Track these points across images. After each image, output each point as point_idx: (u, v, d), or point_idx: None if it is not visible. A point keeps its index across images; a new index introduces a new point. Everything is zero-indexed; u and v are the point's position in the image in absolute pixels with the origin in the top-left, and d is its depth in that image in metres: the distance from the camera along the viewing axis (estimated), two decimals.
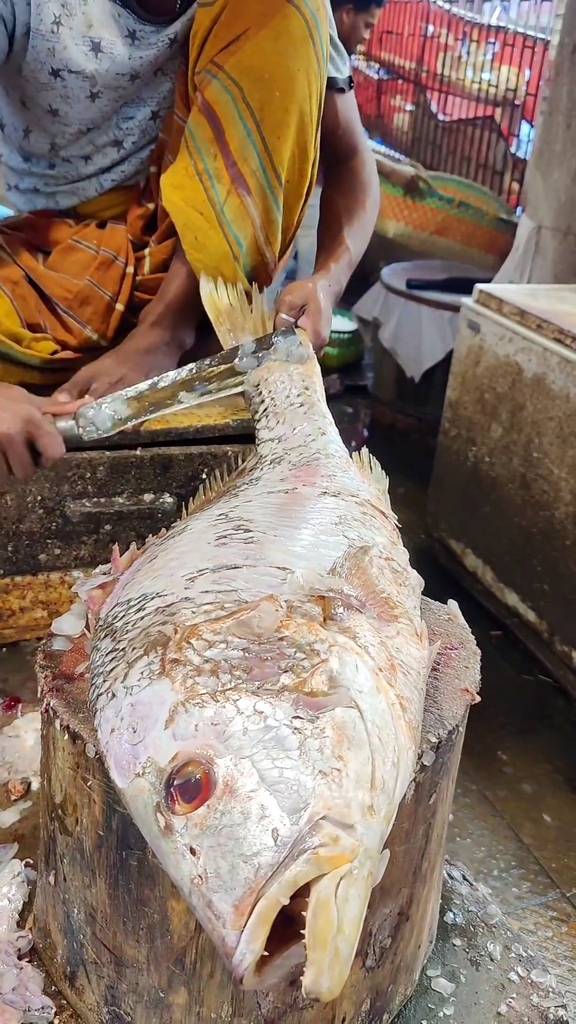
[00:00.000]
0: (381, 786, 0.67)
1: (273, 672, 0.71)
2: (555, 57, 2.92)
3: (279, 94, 1.34)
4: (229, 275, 1.46)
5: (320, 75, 1.38)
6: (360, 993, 0.87)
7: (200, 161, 1.38)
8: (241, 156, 1.36)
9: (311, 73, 1.36)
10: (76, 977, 0.90)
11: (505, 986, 0.98)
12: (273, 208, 1.42)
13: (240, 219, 1.41)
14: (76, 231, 1.58)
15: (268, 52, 1.33)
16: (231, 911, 0.61)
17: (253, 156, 1.37)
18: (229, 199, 1.39)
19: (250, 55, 1.33)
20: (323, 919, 0.59)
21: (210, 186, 1.38)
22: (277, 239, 1.46)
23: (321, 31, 1.36)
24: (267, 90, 1.34)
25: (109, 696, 0.75)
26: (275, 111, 1.35)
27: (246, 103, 1.34)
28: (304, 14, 1.32)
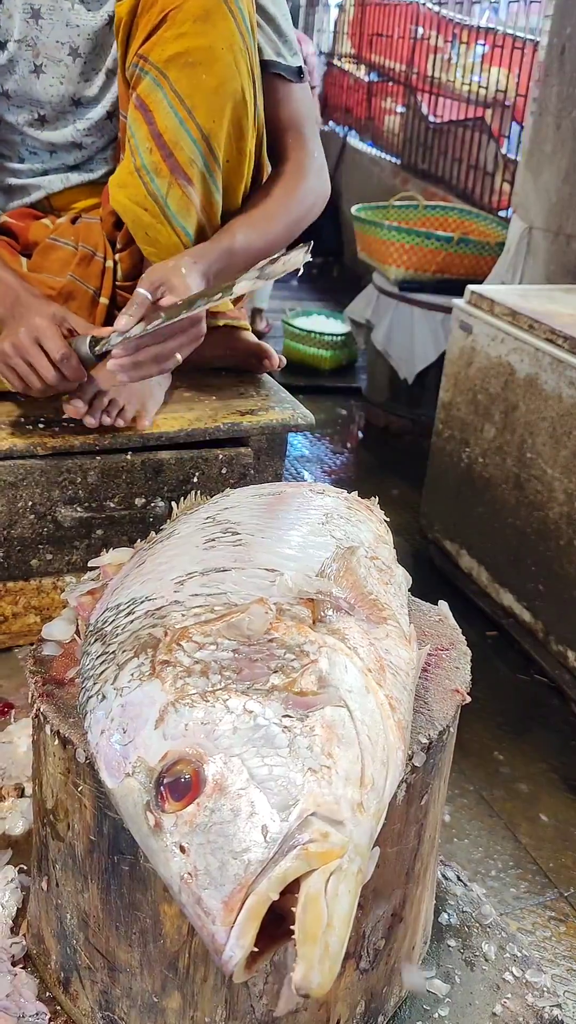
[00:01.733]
0: (371, 784, 0.67)
1: (263, 672, 0.71)
2: (544, 58, 2.93)
3: (206, 76, 1.33)
4: None
5: (247, 49, 1.36)
6: (354, 995, 0.87)
7: (138, 157, 1.37)
8: (176, 146, 1.36)
9: (236, 49, 1.34)
10: (70, 983, 0.90)
11: (500, 986, 0.98)
12: (213, 191, 1.41)
13: (184, 210, 1.41)
14: (53, 230, 1.58)
15: (188, 35, 1.31)
16: (221, 908, 0.61)
17: (189, 143, 1.36)
18: (171, 191, 1.38)
19: (171, 43, 1.32)
20: (313, 914, 0.59)
21: (149, 181, 1.38)
22: (217, 215, 1.45)
23: (241, 4, 1.34)
24: (193, 75, 1.33)
25: (99, 698, 0.75)
26: (205, 95, 1.34)
27: (174, 92, 1.33)
28: None
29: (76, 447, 1.43)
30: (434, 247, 3.26)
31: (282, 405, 1.64)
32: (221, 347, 1.69)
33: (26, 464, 1.42)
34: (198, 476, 1.52)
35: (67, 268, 1.56)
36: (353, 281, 4.60)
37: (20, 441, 1.41)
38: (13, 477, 1.41)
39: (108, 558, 1.00)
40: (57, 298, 1.54)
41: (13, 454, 1.40)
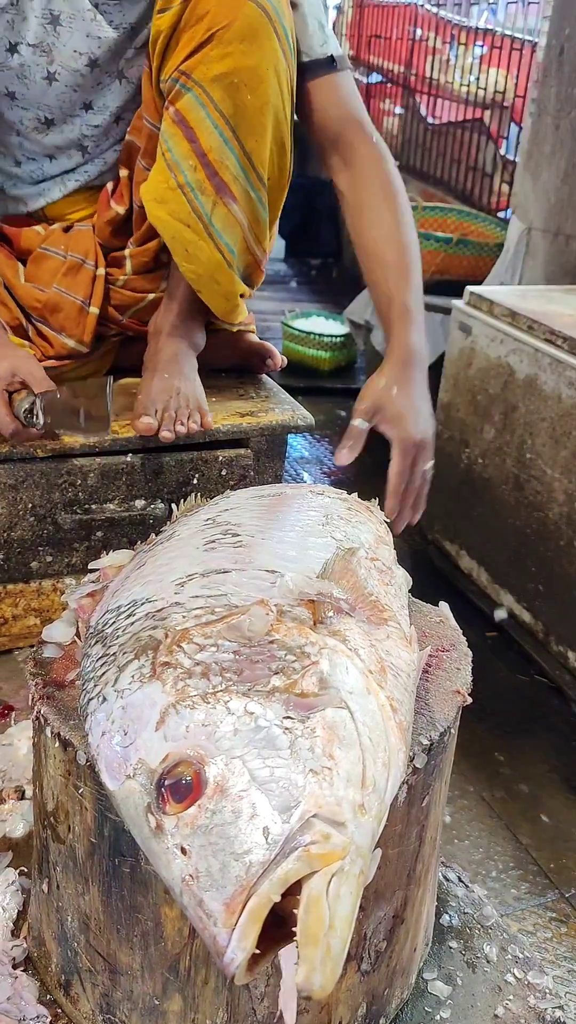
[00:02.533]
0: (372, 785, 0.67)
1: (264, 674, 0.71)
2: (542, 59, 2.93)
3: (251, 97, 1.33)
4: (224, 282, 1.46)
5: (289, 67, 1.36)
6: (356, 997, 0.87)
7: (180, 174, 1.37)
8: (221, 164, 1.36)
9: (279, 69, 1.34)
10: (71, 985, 0.90)
11: (502, 988, 0.97)
12: (259, 208, 1.42)
13: (229, 227, 1.40)
14: (44, 238, 1.58)
15: (235, 55, 1.31)
16: (222, 909, 0.61)
17: (233, 162, 1.36)
18: (216, 209, 1.38)
19: (216, 61, 1.31)
20: (315, 915, 0.59)
21: (194, 198, 1.37)
22: (266, 236, 1.47)
23: (284, 21, 1.33)
24: (238, 95, 1.33)
25: (100, 700, 0.75)
26: (249, 115, 1.34)
27: (219, 111, 1.33)
28: (264, 8, 1.30)
29: (76, 449, 1.44)
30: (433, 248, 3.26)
31: (282, 406, 1.64)
32: (227, 348, 1.70)
33: (26, 466, 1.42)
34: (198, 478, 1.52)
35: (54, 278, 1.55)
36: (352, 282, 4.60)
37: None
38: (13, 479, 1.41)
39: (108, 560, 1.00)
40: (43, 311, 1.54)
41: (13, 456, 1.40)
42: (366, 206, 1.47)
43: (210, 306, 1.50)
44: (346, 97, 1.51)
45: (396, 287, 1.39)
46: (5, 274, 1.55)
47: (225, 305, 1.50)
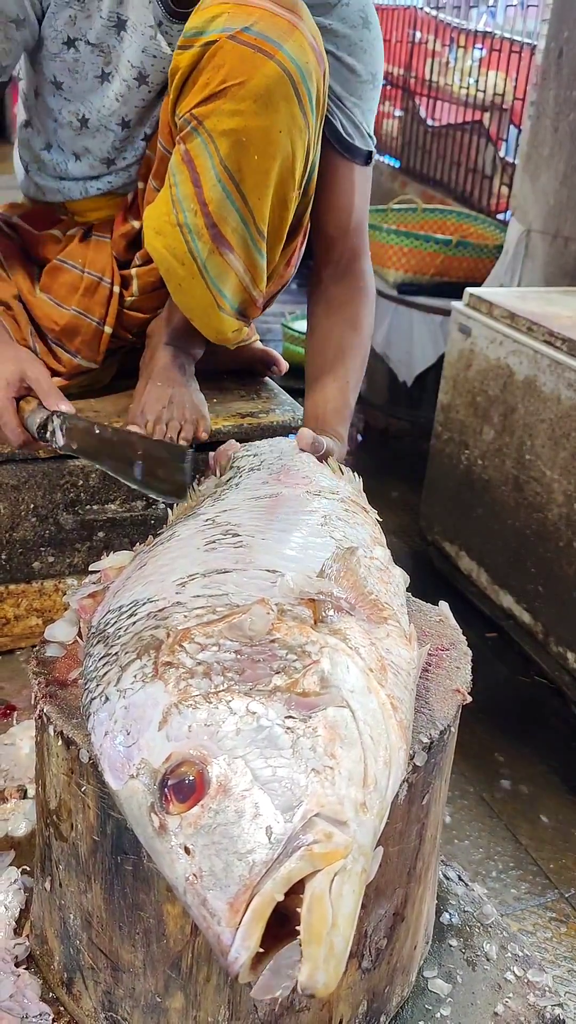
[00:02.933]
0: (373, 784, 0.67)
1: (265, 673, 0.71)
2: (541, 62, 2.93)
3: (258, 157, 1.30)
4: (215, 322, 1.46)
5: (307, 126, 1.32)
6: (357, 995, 0.87)
7: (181, 213, 1.35)
8: (221, 217, 1.34)
9: (295, 130, 1.30)
10: (73, 983, 0.90)
11: (502, 986, 0.98)
12: (256, 256, 1.40)
13: (224, 273, 1.39)
14: (62, 247, 1.58)
15: (246, 114, 1.26)
16: (226, 909, 0.61)
17: (234, 216, 1.34)
18: (211, 257, 1.37)
19: (227, 116, 1.28)
20: (318, 914, 0.59)
21: (191, 240, 1.36)
22: (263, 280, 1.45)
23: (310, 82, 1.29)
24: (245, 153, 1.29)
25: (103, 700, 0.75)
26: (254, 173, 1.31)
27: (224, 166, 1.30)
28: (288, 69, 1.25)
29: None
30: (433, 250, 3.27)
31: (283, 408, 1.65)
32: (229, 354, 1.70)
33: (28, 467, 1.42)
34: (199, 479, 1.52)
35: (72, 295, 1.55)
36: None
37: None
38: (15, 480, 1.41)
39: (109, 562, 1.00)
40: (61, 334, 1.54)
41: (15, 457, 1.41)
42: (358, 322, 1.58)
43: (202, 333, 1.50)
44: (363, 195, 1.57)
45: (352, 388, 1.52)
46: (21, 288, 1.55)
47: (217, 336, 1.49)
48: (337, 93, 1.46)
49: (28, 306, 1.54)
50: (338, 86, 1.45)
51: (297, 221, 1.46)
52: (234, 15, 1.25)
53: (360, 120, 1.52)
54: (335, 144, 1.49)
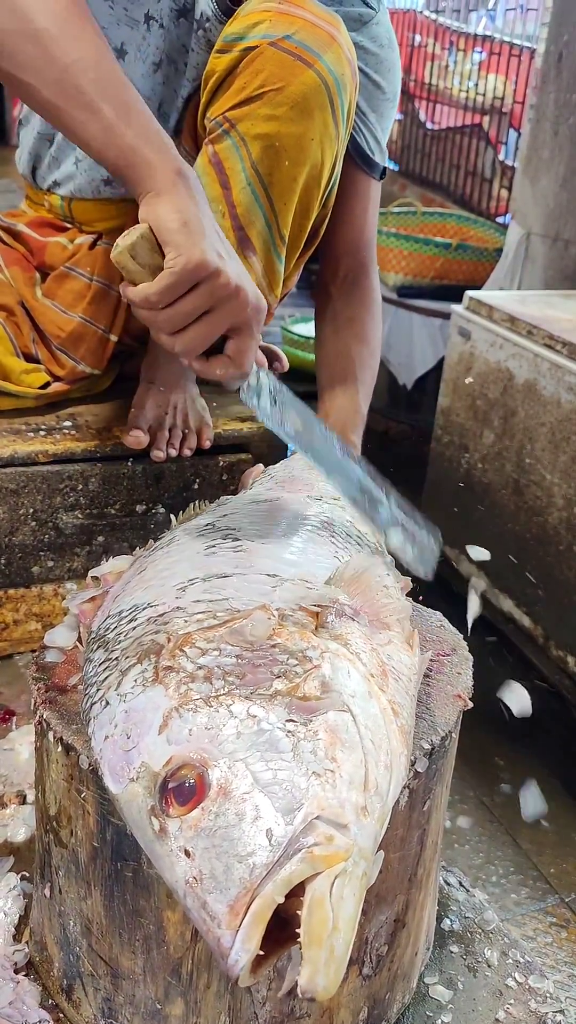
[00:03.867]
0: (374, 788, 0.67)
1: (266, 678, 0.71)
2: (541, 65, 2.93)
3: (288, 163, 1.31)
4: None
5: (337, 137, 1.34)
6: (357, 1002, 0.87)
7: None
8: (248, 220, 1.35)
9: (326, 139, 1.32)
10: (73, 990, 0.90)
11: (503, 992, 0.97)
12: (275, 261, 1.41)
13: None
14: (70, 254, 1.57)
15: (281, 119, 1.28)
16: (226, 911, 0.61)
17: (260, 220, 1.35)
18: None
19: (263, 121, 1.29)
20: (318, 917, 0.59)
21: None
22: (278, 287, 1.46)
23: (344, 94, 1.31)
24: (277, 158, 1.31)
25: (103, 704, 0.75)
26: (283, 179, 1.33)
27: (255, 169, 1.31)
28: (325, 79, 1.27)
29: (77, 454, 1.44)
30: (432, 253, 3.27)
31: None
32: None
33: (27, 471, 1.42)
34: (199, 482, 1.52)
35: (79, 303, 1.54)
36: None
37: (22, 448, 1.41)
38: (15, 484, 1.41)
39: (108, 567, 1.00)
40: (66, 341, 1.53)
41: (15, 461, 1.41)
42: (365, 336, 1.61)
43: None
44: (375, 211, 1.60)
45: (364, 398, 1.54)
46: (23, 294, 1.54)
47: None
48: (363, 108, 1.48)
49: (30, 311, 1.54)
50: (364, 102, 1.47)
51: (314, 232, 1.47)
52: (276, 23, 1.27)
53: (380, 136, 1.53)
54: (356, 158, 1.51)
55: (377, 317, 1.62)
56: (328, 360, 1.57)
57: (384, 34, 1.49)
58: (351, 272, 1.61)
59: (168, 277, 0.91)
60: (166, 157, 0.98)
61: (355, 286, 1.61)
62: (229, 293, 0.93)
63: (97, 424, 1.50)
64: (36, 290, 1.55)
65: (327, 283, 1.63)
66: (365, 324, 1.59)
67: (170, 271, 0.91)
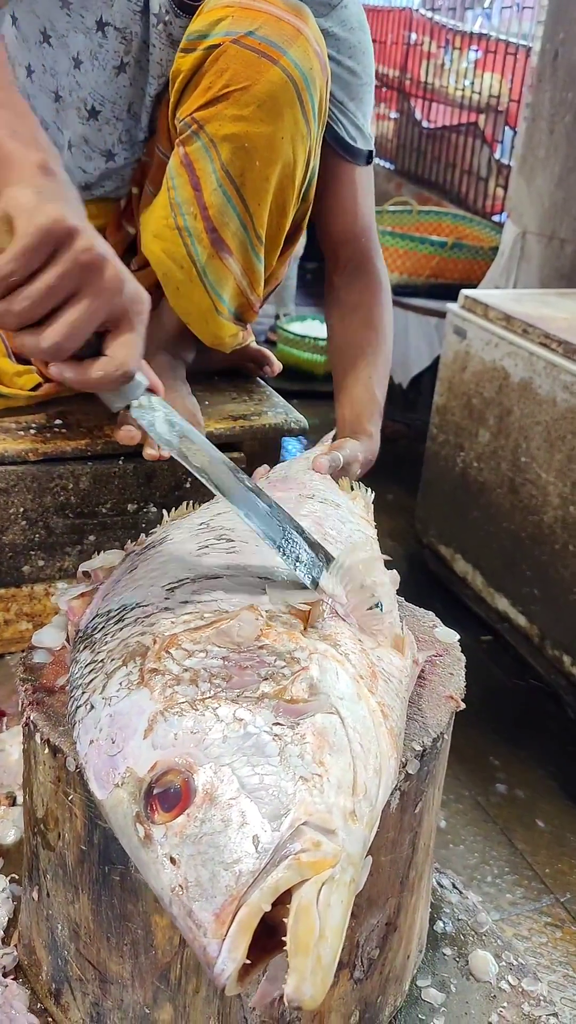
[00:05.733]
0: (363, 792, 0.66)
1: (253, 680, 0.70)
2: (537, 64, 2.93)
3: (260, 164, 1.29)
4: (213, 327, 1.45)
5: (309, 134, 1.32)
6: (349, 1005, 0.86)
7: (180, 218, 1.34)
8: (221, 222, 1.33)
9: (297, 137, 1.29)
10: (61, 994, 0.89)
11: (496, 995, 0.97)
12: (254, 260, 1.40)
13: (222, 278, 1.39)
14: None
15: (249, 119, 1.25)
16: (212, 920, 0.60)
17: (234, 220, 1.33)
18: (210, 261, 1.36)
19: (229, 122, 1.26)
20: (305, 924, 0.58)
21: (190, 244, 1.35)
22: (260, 284, 1.45)
23: (313, 89, 1.28)
24: (247, 159, 1.28)
25: (88, 708, 0.74)
26: (255, 179, 1.30)
27: (225, 171, 1.29)
28: (292, 75, 1.24)
29: (68, 453, 1.43)
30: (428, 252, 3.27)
31: (275, 409, 1.63)
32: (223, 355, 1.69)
33: (17, 470, 1.41)
34: (190, 481, 1.51)
35: None
36: None
37: (11, 447, 1.40)
38: (5, 483, 1.40)
39: (99, 561, 0.99)
40: None
41: (4, 460, 1.40)
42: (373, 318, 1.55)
43: (199, 338, 1.50)
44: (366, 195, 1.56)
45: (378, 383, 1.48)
46: None
47: (213, 341, 1.49)
48: (339, 98, 1.45)
49: None
50: (339, 90, 1.45)
51: (295, 227, 1.45)
52: (238, 19, 1.24)
53: (361, 123, 1.52)
54: (338, 149, 1.49)
55: (384, 301, 1.59)
56: (339, 351, 1.56)
57: (354, 16, 1.45)
58: (352, 260, 1.59)
59: (19, 240, 0.77)
60: (30, 152, 0.85)
61: (358, 273, 1.59)
62: (93, 262, 0.80)
63: (88, 423, 1.49)
64: None
65: (331, 274, 1.61)
66: (371, 310, 1.57)
67: (22, 233, 0.77)
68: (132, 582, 0.88)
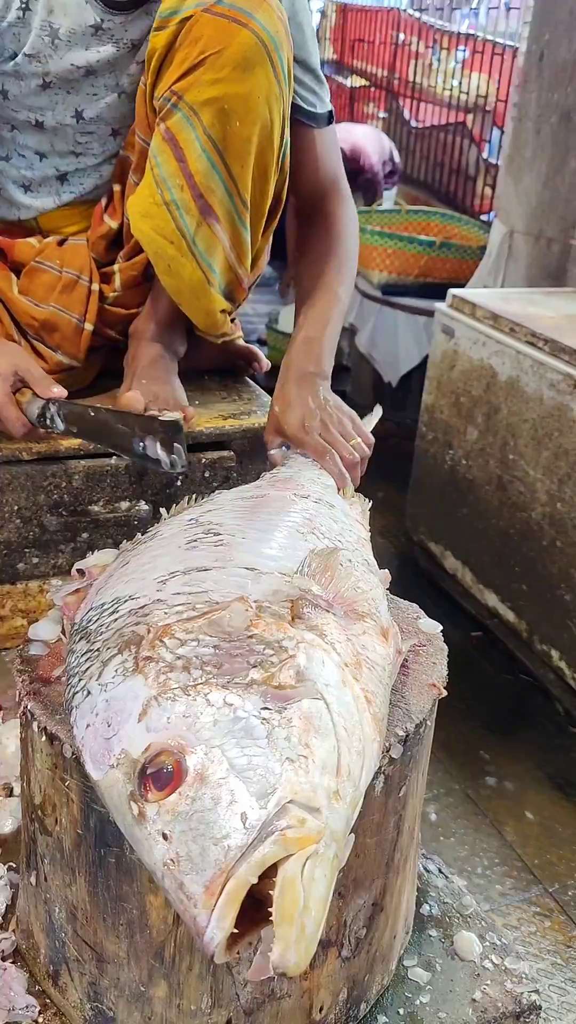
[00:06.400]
0: (347, 773, 0.69)
1: (242, 667, 0.73)
2: (523, 64, 2.96)
3: (239, 124, 1.33)
4: (204, 299, 1.48)
5: (281, 96, 1.37)
6: (337, 983, 0.89)
7: (167, 192, 1.38)
8: (208, 188, 1.37)
9: (271, 97, 1.34)
10: (59, 975, 0.92)
11: (480, 974, 1.00)
12: (241, 231, 1.43)
13: (212, 247, 1.42)
14: (39, 251, 1.59)
15: (226, 81, 1.31)
16: (202, 892, 0.63)
17: (219, 186, 1.37)
18: (200, 230, 1.40)
19: (208, 86, 1.31)
20: (290, 896, 0.61)
21: (179, 216, 1.39)
22: (247, 257, 1.48)
23: (281, 52, 1.34)
24: (227, 121, 1.33)
25: (84, 694, 0.77)
26: (236, 141, 1.35)
27: (208, 136, 1.34)
28: (261, 37, 1.30)
29: (61, 451, 1.45)
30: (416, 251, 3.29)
31: (264, 409, 1.66)
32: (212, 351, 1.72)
33: (11, 469, 1.43)
34: (181, 479, 1.54)
35: (51, 294, 1.55)
36: None
37: (5, 447, 1.43)
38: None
39: (93, 560, 1.02)
40: (40, 330, 1.55)
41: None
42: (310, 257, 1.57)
43: (191, 319, 1.52)
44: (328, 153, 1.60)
45: (310, 322, 1.49)
46: (0, 286, 1.56)
47: (206, 320, 1.52)
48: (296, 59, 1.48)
49: (8, 303, 1.56)
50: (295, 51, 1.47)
51: (276, 200, 1.49)
52: None
53: (315, 85, 1.54)
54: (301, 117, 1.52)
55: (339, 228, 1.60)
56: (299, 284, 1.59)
57: None
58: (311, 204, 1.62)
59: None
60: None
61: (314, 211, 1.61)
62: None
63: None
64: (12, 285, 1.57)
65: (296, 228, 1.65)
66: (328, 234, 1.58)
67: None
68: (124, 576, 0.91)
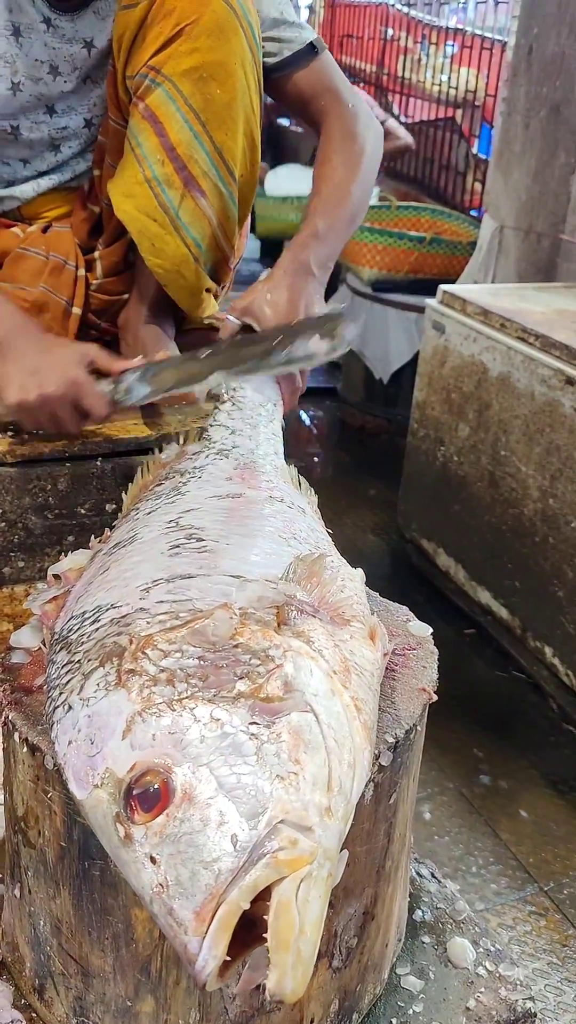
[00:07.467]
0: (338, 787, 0.67)
1: (229, 679, 0.71)
2: (512, 59, 2.94)
3: (220, 91, 1.35)
4: (190, 276, 1.47)
5: (256, 63, 1.39)
6: (328, 994, 0.88)
7: (148, 169, 1.37)
8: (191, 158, 1.37)
9: (247, 64, 1.36)
10: (45, 989, 0.90)
11: (474, 981, 0.98)
12: (229, 204, 1.43)
13: (197, 221, 1.41)
14: (23, 239, 1.58)
15: (203, 50, 1.33)
16: (192, 918, 0.61)
17: (203, 157, 1.37)
18: (184, 203, 1.39)
19: (186, 56, 1.33)
20: (285, 921, 0.59)
21: (160, 192, 1.38)
22: (235, 232, 1.48)
23: (250, 17, 1.36)
24: (207, 89, 1.34)
25: (66, 708, 0.75)
26: (219, 109, 1.36)
27: (189, 105, 1.34)
28: (232, 5, 1.32)
29: (46, 454, 1.44)
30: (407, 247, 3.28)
31: None
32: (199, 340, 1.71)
33: None
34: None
35: (38, 278, 1.55)
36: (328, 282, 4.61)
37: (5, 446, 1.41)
38: None
39: (68, 563, 1.00)
40: (31, 310, 1.54)
41: None
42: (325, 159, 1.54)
43: (176, 300, 1.52)
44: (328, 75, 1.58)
45: (318, 214, 1.46)
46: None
47: (191, 300, 1.51)
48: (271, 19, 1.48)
49: None
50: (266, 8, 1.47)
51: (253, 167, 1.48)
52: None
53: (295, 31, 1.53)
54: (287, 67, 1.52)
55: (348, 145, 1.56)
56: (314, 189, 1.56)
57: None
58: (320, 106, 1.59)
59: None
60: None
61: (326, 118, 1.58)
62: None
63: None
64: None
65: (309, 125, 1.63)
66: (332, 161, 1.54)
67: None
68: (105, 583, 0.89)
